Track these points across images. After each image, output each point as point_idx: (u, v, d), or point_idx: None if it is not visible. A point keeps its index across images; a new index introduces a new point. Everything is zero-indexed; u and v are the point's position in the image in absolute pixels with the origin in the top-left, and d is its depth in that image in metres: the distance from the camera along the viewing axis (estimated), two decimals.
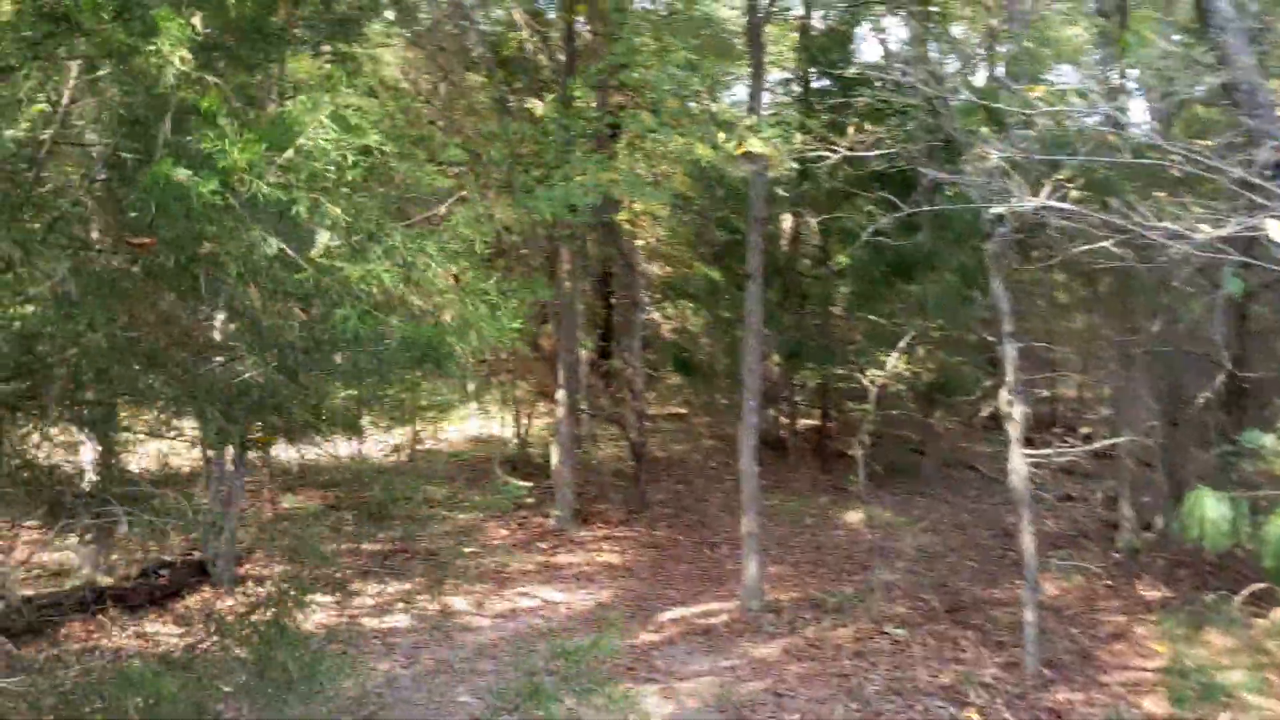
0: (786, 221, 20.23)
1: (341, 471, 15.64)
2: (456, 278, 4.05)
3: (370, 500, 12.87)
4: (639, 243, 18.59)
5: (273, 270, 3.43)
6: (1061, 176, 6.81)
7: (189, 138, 3.15)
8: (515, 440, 16.97)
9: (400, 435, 17.37)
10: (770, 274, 18.77)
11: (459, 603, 10.06)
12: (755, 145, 7.96)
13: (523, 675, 5.78)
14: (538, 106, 12.85)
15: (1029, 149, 6.67)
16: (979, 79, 16.04)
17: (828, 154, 9.04)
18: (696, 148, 7.97)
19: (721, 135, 8.21)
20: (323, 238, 3.45)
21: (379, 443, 16.11)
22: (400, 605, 9.87)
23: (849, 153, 8.89)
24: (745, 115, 8.86)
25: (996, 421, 22.63)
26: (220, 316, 4.44)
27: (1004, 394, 8.78)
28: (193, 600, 9.38)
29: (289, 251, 3.31)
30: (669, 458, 18.95)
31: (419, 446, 19.53)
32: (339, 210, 3.35)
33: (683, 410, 25.85)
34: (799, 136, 8.92)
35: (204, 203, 2.94)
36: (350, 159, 3.31)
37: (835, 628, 9.59)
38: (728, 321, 18.34)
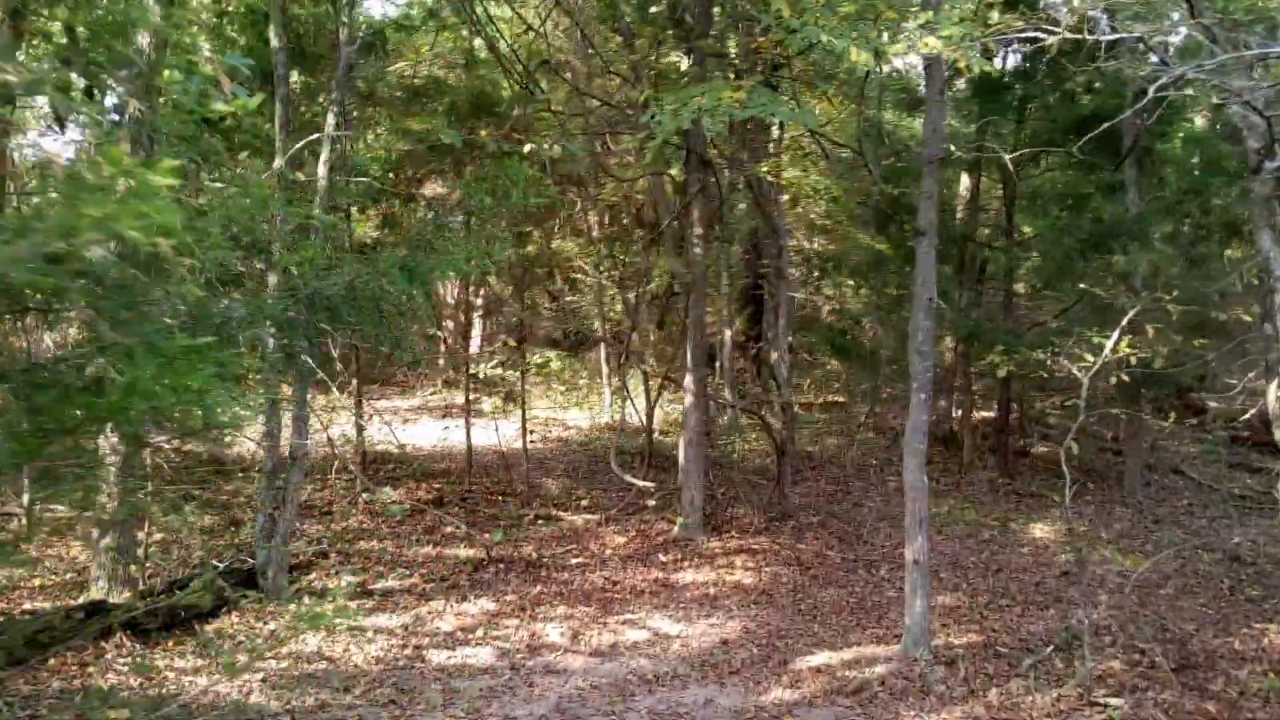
0: (962, 184, 17.75)
1: (448, 459, 14.01)
2: None
3: (476, 495, 11.13)
4: (794, 212, 16.45)
5: None
6: None
7: None
8: (642, 430, 15.08)
9: (516, 418, 15.71)
10: (944, 244, 16.44)
11: (552, 632, 8.19)
12: (932, 45, 5.80)
13: None
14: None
15: None
16: None
17: (1041, 35, 6.72)
18: (850, 52, 5.83)
19: (883, 34, 6.06)
20: None
21: (488, 430, 14.43)
22: (480, 633, 8.06)
23: (1070, 34, 6.53)
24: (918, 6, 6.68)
25: (1199, 417, 19.67)
26: None
27: (1276, 390, 6.39)
28: (230, 621, 7.75)
29: None
30: (820, 454, 16.77)
31: (546, 434, 17.88)
32: None
33: (840, 399, 23.58)
34: (994, 15, 6.63)
35: None
36: None
37: (1028, 692, 7.33)
38: (894, 299, 16.06)
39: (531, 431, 16.68)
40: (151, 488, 7.76)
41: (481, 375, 16.36)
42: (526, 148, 10.29)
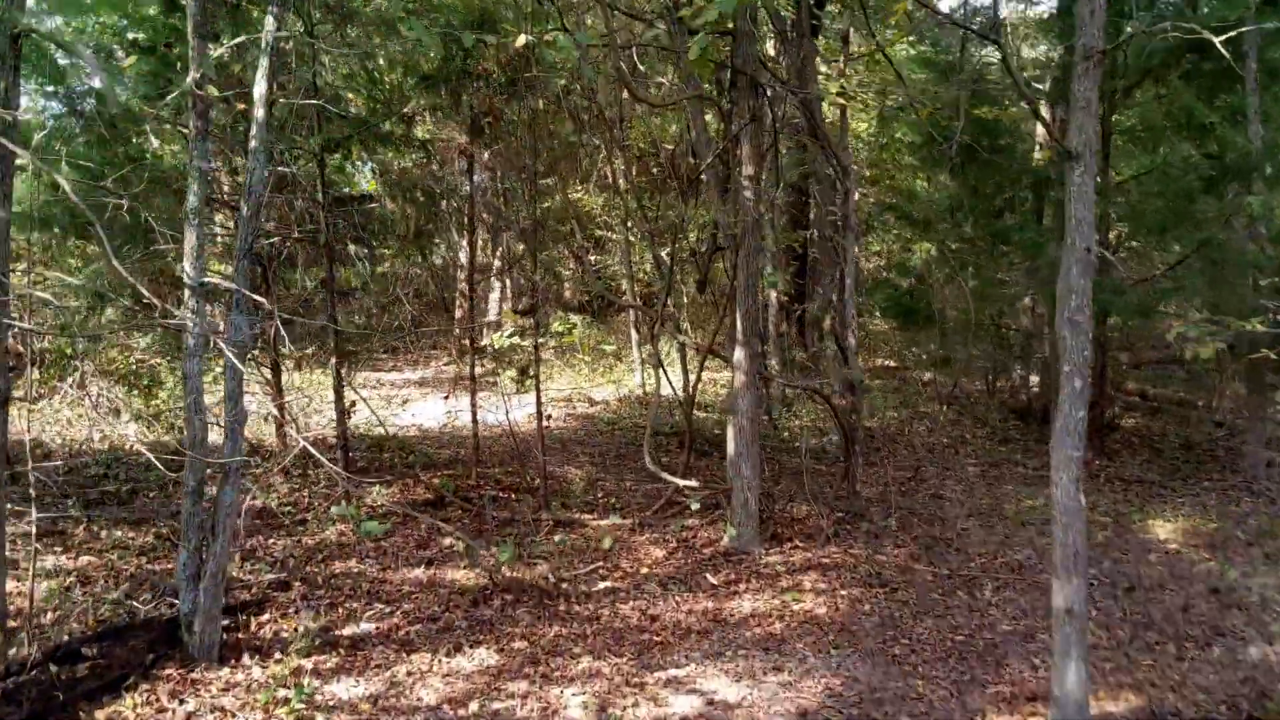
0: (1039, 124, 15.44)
1: (456, 444, 11.94)
2: None
3: (484, 492, 9.08)
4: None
5: None
6: None
7: None
8: (679, 407, 13.00)
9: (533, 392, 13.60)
10: (1017, 187, 14.17)
11: (572, 702, 6.15)
12: None
13: None
14: None
15: None
16: None
17: None
18: None
19: None
20: None
21: (494, 410, 12.37)
22: (475, 706, 6.03)
23: None
24: None
25: None
26: None
27: None
28: (134, 700, 5.72)
29: None
30: (881, 431, 14.66)
31: (570, 410, 15.84)
32: None
33: (891, 363, 21.35)
34: None
35: None
36: None
37: None
38: (971, 252, 13.87)
39: (550, 413, 14.66)
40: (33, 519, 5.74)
41: (495, 345, 14.28)
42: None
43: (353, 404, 10.03)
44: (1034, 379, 16.25)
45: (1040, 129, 15.31)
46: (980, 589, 8.38)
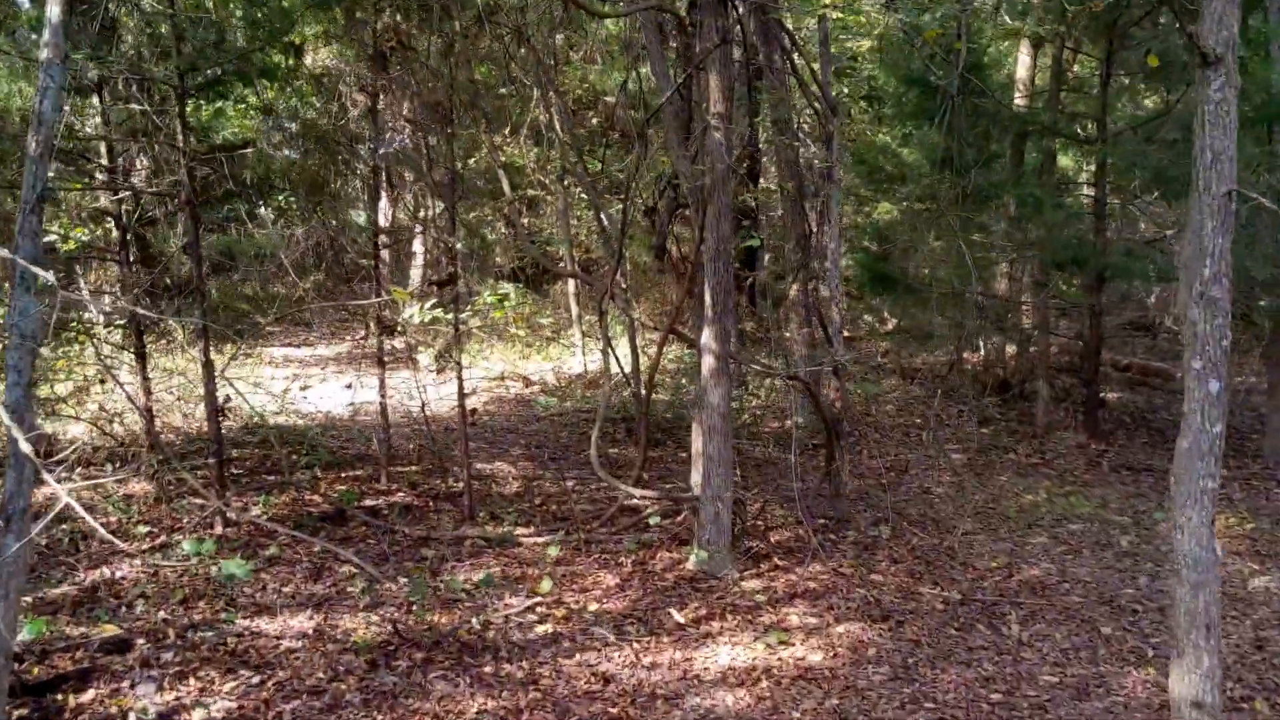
0: (1022, 60, 13.90)
1: (353, 436, 10.13)
2: None
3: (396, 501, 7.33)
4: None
5: None
6: None
7: None
8: (629, 389, 11.31)
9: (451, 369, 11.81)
10: (998, 135, 12.54)
11: None
12: None
13: None
14: None
15: None
16: None
17: None
18: None
19: None
20: None
21: (410, 396, 10.59)
22: None
23: None
24: None
25: None
26: None
27: None
28: None
29: None
30: (855, 414, 13.11)
31: (502, 393, 14.07)
32: None
33: (845, 334, 19.76)
34: None
35: None
36: None
37: None
38: (954, 213, 12.26)
39: (478, 397, 12.90)
40: None
41: (405, 322, 12.46)
42: None
43: (227, 401, 8.20)
44: (1010, 349, 14.79)
45: (1022, 71, 13.77)
46: (1003, 620, 6.82)
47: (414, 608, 6.47)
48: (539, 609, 6.70)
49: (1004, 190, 11.51)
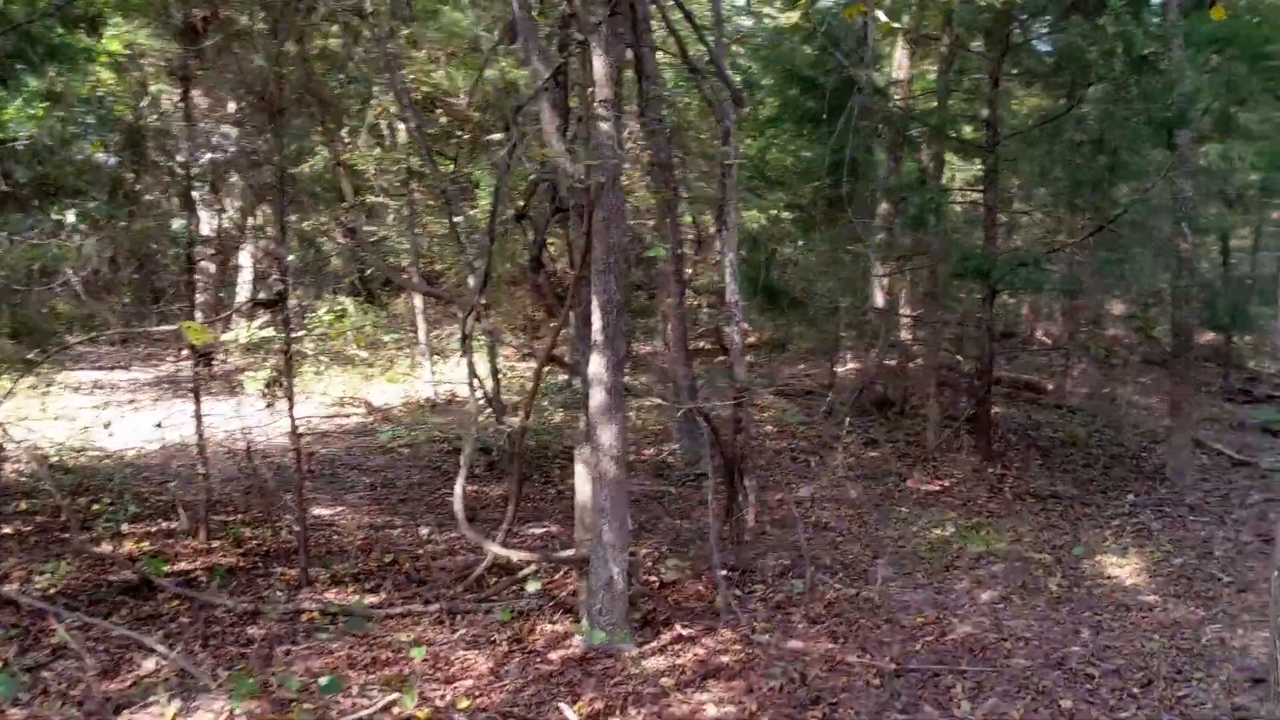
0: (899, 61, 13.19)
1: (171, 475, 8.52)
2: None
3: (214, 564, 5.82)
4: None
5: None
6: None
7: None
8: (489, 413, 10.04)
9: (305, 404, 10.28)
10: (873, 132, 11.65)
11: None
12: None
13: None
14: None
15: None
16: None
17: None
18: None
19: None
20: None
21: (256, 426, 9.08)
22: None
23: None
24: None
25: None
26: None
27: None
28: None
29: None
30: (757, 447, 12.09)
31: (341, 423, 12.59)
32: None
33: (705, 345, 18.82)
34: None
35: None
36: None
37: None
38: (829, 220, 11.42)
39: (310, 424, 11.40)
40: None
41: (238, 340, 10.90)
42: None
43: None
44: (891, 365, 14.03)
45: (899, 72, 13.04)
46: (949, 696, 5.81)
47: (236, 715, 5.07)
48: (396, 708, 5.36)
49: (895, 196, 10.69)
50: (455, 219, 10.53)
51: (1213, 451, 11.53)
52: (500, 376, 10.98)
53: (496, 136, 12.11)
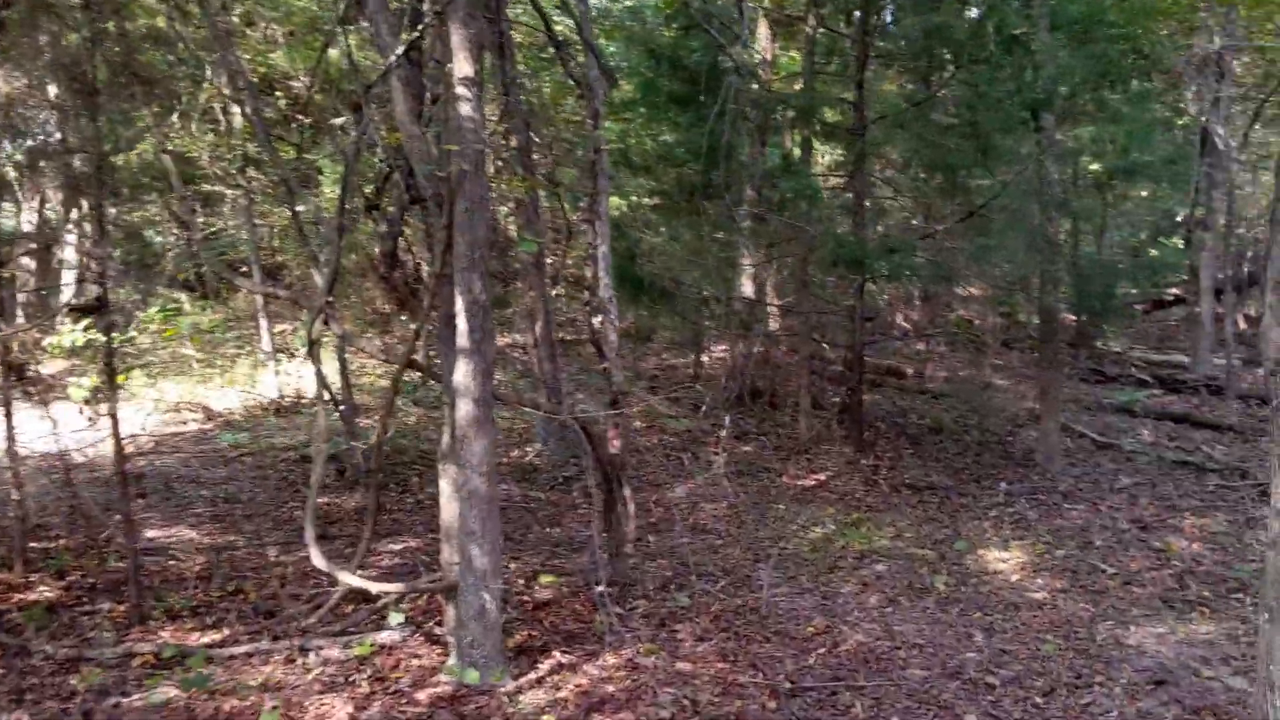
0: (762, 33, 12.86)
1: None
2: None
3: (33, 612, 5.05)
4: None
5: None
6: None
7: None
8: (343, 425, 9.35)
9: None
10: (744, 122, 11.32)
11: None
12: None
13: None
14: None
15: None
16: None
17: None
18: None
19: None
20: None
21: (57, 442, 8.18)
22: None
23: None
24: None
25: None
26: None
27: None
28: None
29: None
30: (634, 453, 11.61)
31: (178, 431, 11.66)
32: None
33: (565, 337, 18.26)
34: None
35: None
36: None
37: None
38: (693, 209, 11.04)
39: (135, 445, 10.47)
40: None
41: (60, 345, 9.89)
42: None
43: None
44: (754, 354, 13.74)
45: (764, 46, 12.70)
46: (849, 714, 5.45)
47: None
48: None
49: (762, 182, 10.35)
50: (298, 209, 9.74)
51: (1075, 434, 11.56)
52: (352, 379, 10.29)
53: (339, 121, 11.32)
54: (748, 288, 13.19)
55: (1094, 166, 9.51)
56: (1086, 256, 9.11)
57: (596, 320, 6.70)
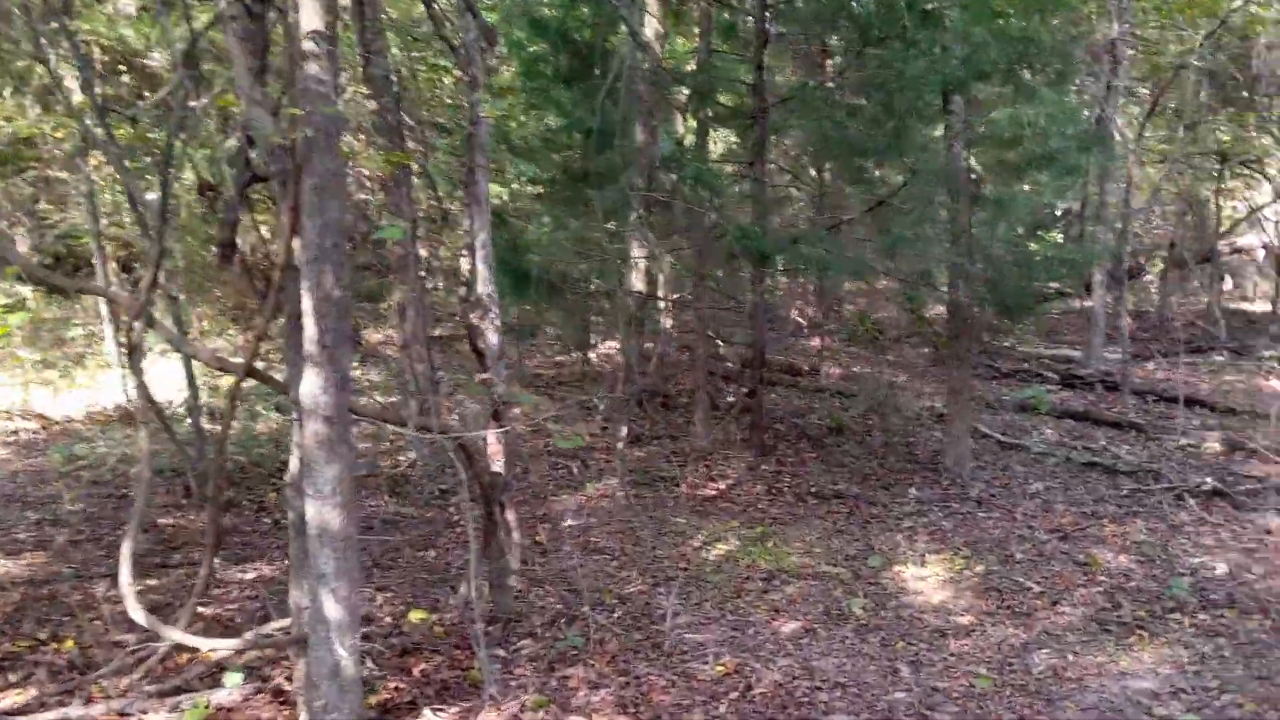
0: (648, 19, 12.09)
1: None
2: None
3: None
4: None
5: None
6: None
7: None
8: (191, 430, 8.30)
9: None
10: (637, 103, 10.54)
11: None
12: None
13: None
14: None
15: None
16: None
17: None
18: None
19: None
20: None
21: None
22: None
23: None
24: None
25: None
26: None
27: None
28: None
29: None
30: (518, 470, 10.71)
31: (14, 438, 10.44)
32: None
33: (441, 334, 17.22)
34: None
35: None
36: None
37: None
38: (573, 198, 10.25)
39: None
40: None
41: None
42: None
43: None
44: (649, 354, 12.99)
45: (648, 30, 11.92)
46: None
47: None
48: None
49: (654, 168, 9.59)
50: (137, 195, 8.64)
51: (979, 434, 11.08)
52: (211, 380, 9.25)
53: (195, 104, 10.23)
54: (638, 281, 12.42)
55: (1007, 155, 8.95)
56: (1004, 247, 8.49)
57: (474, 317, 5.83)
